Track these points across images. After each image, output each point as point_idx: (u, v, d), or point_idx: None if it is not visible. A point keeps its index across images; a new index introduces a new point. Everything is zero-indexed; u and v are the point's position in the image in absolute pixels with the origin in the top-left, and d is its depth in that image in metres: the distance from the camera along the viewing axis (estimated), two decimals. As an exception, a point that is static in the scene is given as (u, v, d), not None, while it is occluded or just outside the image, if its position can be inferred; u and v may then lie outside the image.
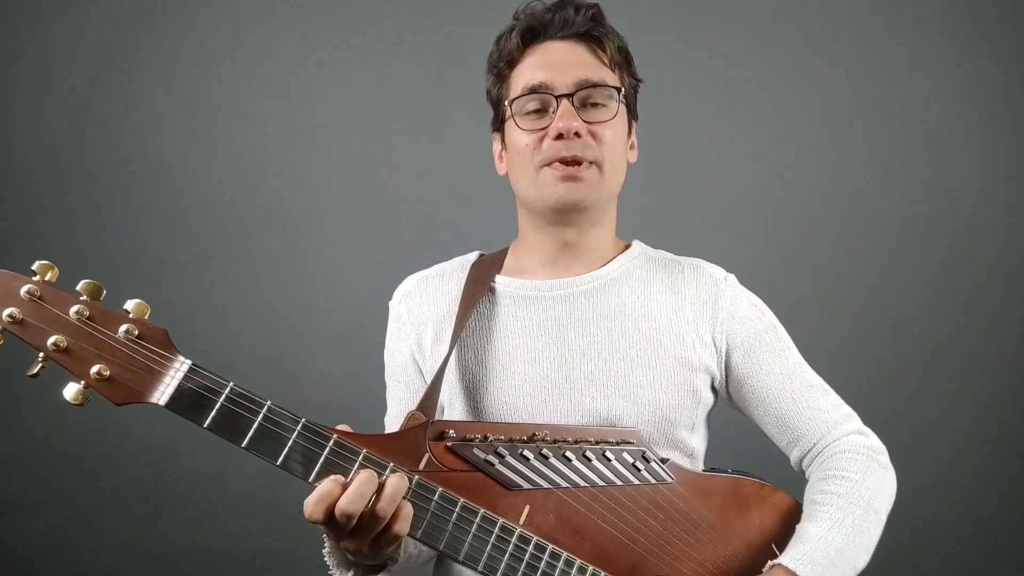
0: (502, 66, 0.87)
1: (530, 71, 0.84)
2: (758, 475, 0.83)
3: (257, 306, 1.87)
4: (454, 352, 0.85)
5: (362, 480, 0.63)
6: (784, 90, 1.87)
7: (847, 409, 0.88)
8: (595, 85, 0.83)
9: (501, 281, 0.89)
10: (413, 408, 0.80)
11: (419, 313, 0.89)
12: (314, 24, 1.91)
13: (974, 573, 1.74)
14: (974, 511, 1.75)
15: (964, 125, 1.85)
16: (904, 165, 1.86)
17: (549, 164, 0.82)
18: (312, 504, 0.63)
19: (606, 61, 0.85)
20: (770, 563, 0.75)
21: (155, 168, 1.87)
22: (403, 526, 0.65)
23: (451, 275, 0.91)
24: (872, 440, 0.86)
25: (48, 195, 1.85)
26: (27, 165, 1.84)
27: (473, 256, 0.94)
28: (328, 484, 0.64)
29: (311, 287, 1.89)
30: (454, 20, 1.85)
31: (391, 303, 0.93)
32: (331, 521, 0.63)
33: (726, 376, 0.87)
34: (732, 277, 0.91)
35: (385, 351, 0.93)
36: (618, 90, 0.85)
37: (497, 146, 0.92)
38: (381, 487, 0.64)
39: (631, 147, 0.91)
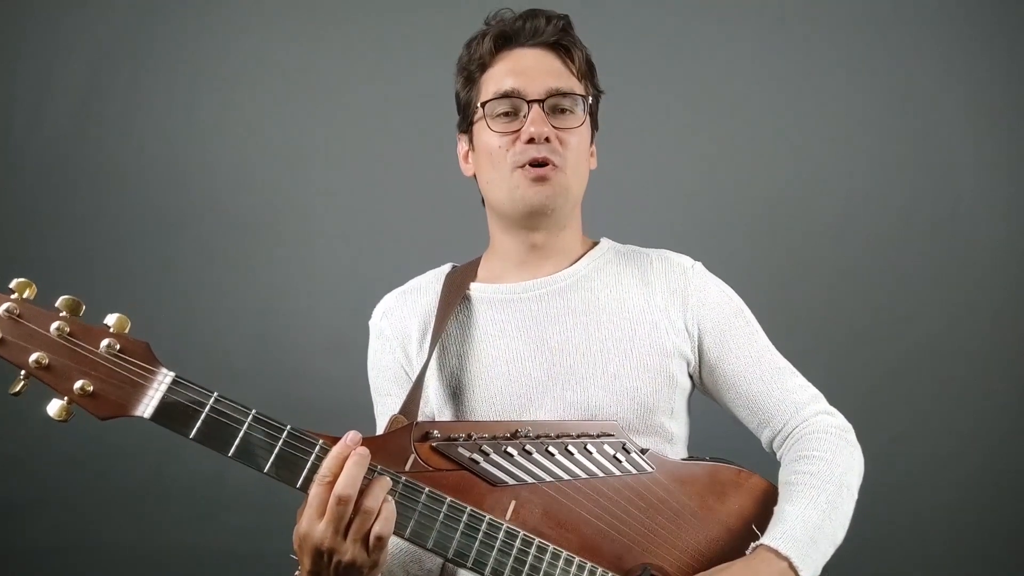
0: (472, 69, 0.89)
1: (501, 76, 0.86)
2: (735, 461, 0.85)
3: (254, 309, 1.86)
4: (439, 361, 0.88)
5: (351, 464, 0.65)
6: (782, 90, 1.85)
7: (813, 390, 0.91)
8: (564, 93, 0.86)
9: (476, 288, 0.91)
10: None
11: (401, 327, 0.92)
12: (315, 29, 1.88)
13: (972, 572, 1.75)
14: (973, 510, 1.76)
15: (964, 125, 1.83)
16: (904, 165, 1.84)
17: (521, 167, 0.84)
18: (309, 508, 0.65)
19: (574, 70, 0.88)
20: (753, 544, 0.77)
21: (152, 171, 1.86)
22: (385, 527, 0.66)
23: (428, 288, 0.94)
24: (839, 419, 0.89)
25: (44, 198, 1.83)
26: (23, 167, 1.82)
27: (446, 268, 0.96)
28: (316, 489, 0.65)
29: (308, 290, 1.88)
30: (453, 30, 1.82)
31: (371, 323, 0.95)
32: (313, 535, 0.65)
33: (699, 361, 0.90)
34: (699, 264, 0.93)
35: (370, 370, 0.95)
36: (584, 98, 0.87)
37: (463, 147, 0.94)
38: (366, 485, 0.66)
39: (591, 154, 0.93)
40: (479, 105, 0.87)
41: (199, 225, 1.85)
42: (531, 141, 0.83)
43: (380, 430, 0.92)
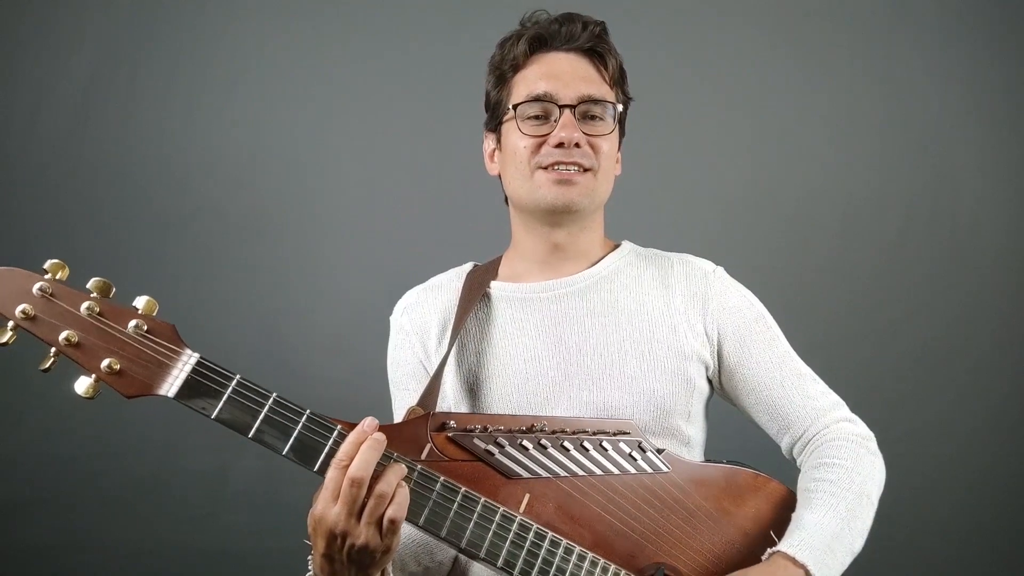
0: (506, 69, 0.90)
1: (534, 79, 0.88)
2: (753, 466, 0.84)
3: (258, 307, 1.87)
4: (458, 358, 0.88)
5: (366, 448, 0.66)
6: (783, 89, 1.89)
7: (835, 397, 0.90)
8: (596, 101, 0.87)
9: (496, 287, 0.92)
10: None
11: (422, 323, 0.92)
12: (317, 27, 1.92)
13: (974, 573, 1.75)
14: (975, 511, 1.76)
15: (965, 125, 1.86)
16: (905, 165, 1.87)
17: (545, 168, 0.86)
18: (325, 491, 0.66)
19: (607, 78, 0.89)
20: (769, 551, 0.77)
21: (155, 169, 1.88)
22: (398, 511, 0.66)
23: (448, 285, 0.95)
24: (860, 427, 0.88)
25: (47, 196, 1.85)
26: (25, 165, 1.85)
27: (468, 266, 0.97)
28: (332, 472, 0.66)
29: (312, 288, 1.89)
30: (457, 25, 1.87)
31: (392, 318, 0.96)
32: (327, 518, 0.65)
33: (719, 366, 0.90)
34: (721, 269, 0.94)
35: (389, 364, 0.96)
36: (615, 106, 0.89)
37: (490, 145, 0.95)
38: (381, 470, 0.66)
39: (616, 160, 0.94)
40: (511, 107, 0.88)
41: (200, 225, 1.86)
42: (560, 145, 0.84)
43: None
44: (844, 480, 0.81)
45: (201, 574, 1.76)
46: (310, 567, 0.71)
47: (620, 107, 0.89)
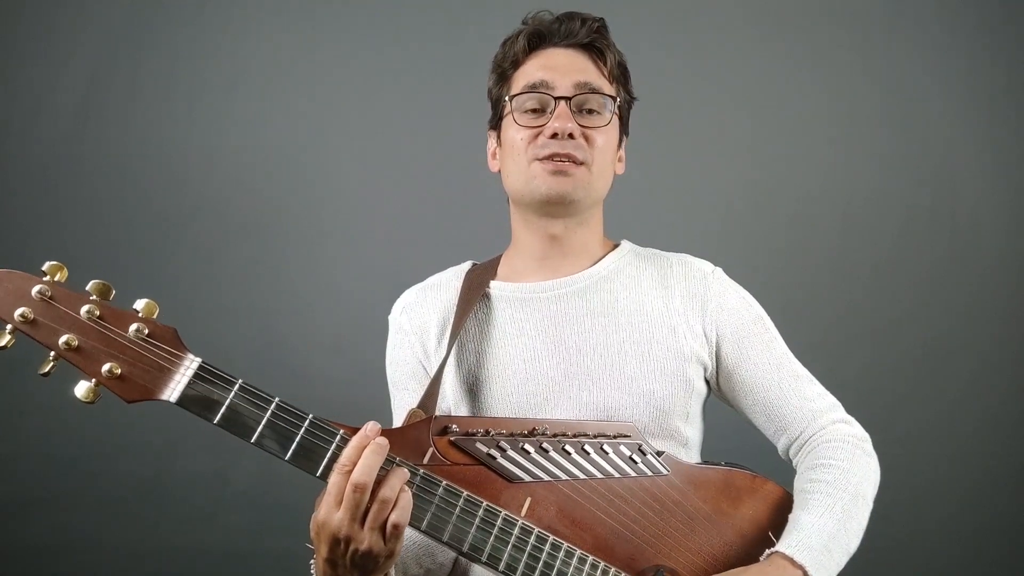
0: (506, 66, 0.91)
1: (532, 72, 0.88)
2: (750, 467, 0.85)
3: (258, 307, 1.87)
4: (457, 358, 0.88)
5: (369, 453, 0.66)
6: (783, 89, 1.89)
7: (831, 399, 0.91)
8: (593, 90, 0.87)
9: (496, 286, 0.92)
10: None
11: (421, 322, 0.92)
12: (317, 26, 1.91)
13: (974, 573, 1.75)
14: (975, 511, 1.76)
15: (965, 124, 1.86)
16: (905, 164, 1.87)
17: (540, 160, 0.86)
18: (328, 496, 0.66)
19: (605, 73, 0.90)
20: (768, 551, 0.77)
21: (154, 169, 1.87)
22: (401, 516, 0.66)
23: (448, 284, 0.95)
24: (856, 428, 0.89)
25: (47, 196, 1.85)
26: (25, 165, 1.84)
27: (467, 265, 0.97)
28: (335, 477, 0.66)
29: (312, 288, 1.89)
30: (459, 24, 1.87)
31: (391, 317, 0.96)
32: (330, 524, 0.65)
33: (716, 367, 0.90)
34: (719, 270, 0.94)
35: (388, 364, 0.96)
36: (613, 99, 0.89)
37: (492, 144, 0.95)
38: (383, 475, 0.66)
39: (619, 159, 0.94)
40: (507, 98, 0.88)
41: (200, 225, 1.86)
42: (555, 136, 0.84)
43: (397, 423, 0.93)
44: (840, 481, 0.81)
45: (201, 575, 1.76)
46: (312, 572, 0.72)
47: (618, 100, 0.89)
